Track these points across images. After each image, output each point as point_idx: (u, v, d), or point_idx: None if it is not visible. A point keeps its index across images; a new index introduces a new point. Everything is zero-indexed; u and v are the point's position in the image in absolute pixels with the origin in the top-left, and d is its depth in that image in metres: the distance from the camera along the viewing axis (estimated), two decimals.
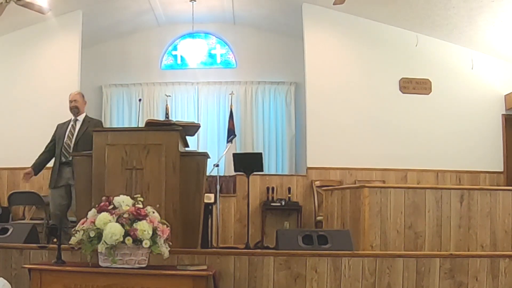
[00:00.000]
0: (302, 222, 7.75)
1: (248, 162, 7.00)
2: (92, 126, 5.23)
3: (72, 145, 5.25)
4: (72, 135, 5.31)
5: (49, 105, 7.90)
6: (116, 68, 9.52)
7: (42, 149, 7.70)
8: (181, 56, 9.79)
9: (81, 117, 5.43)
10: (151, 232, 3.03)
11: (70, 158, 5.05)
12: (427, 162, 7.87)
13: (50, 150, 5.44)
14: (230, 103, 9.30)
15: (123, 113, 9.55)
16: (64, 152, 5.24)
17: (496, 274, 3.53)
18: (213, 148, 9.04)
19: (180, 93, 9.57)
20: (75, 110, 5.43)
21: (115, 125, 9.24)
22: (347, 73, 8.14)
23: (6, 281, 3.14)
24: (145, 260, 3.10)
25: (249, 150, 9.12)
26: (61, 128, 5.43)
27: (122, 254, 3.01)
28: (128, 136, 3.96)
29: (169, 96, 9.44)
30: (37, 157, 5.55)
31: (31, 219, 7.29)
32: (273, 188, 7.88)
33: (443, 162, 7.90)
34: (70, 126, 5.38)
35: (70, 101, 5.48)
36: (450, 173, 7.94)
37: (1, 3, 6.09)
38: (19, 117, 7.91)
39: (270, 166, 9.12)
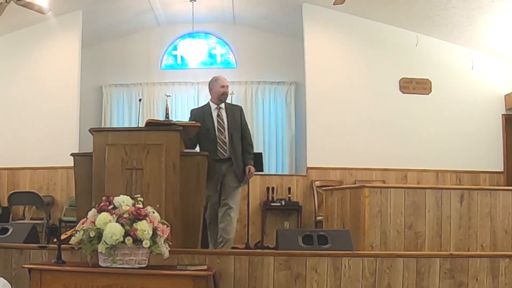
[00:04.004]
0: (302, 222, 7.75)
1: None
2: (238, 111, 5.00)
3: (227, 139, 4.87)
4: (223, 127, 4.91)
5: (49, 105, 7.92)
6: (116, 68, 9.52)
7: (42, 149, 7.78)
8: (181, 56, 9.79)
9: (222, 104, 5.00)
10: (151, 232, 3.03)
11: (226, 155, 4.83)
12: (427, 162, 7.87)
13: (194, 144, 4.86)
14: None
15: (123, 113, 9.55)
16: (220, 148, 4.84)
17: (496, 274, 3.53)
18: None
19: (180, 93, 9.57)
20: (225, 96, 5.02)
21: (115, 125, 9.23)
22: (347, 73, 8.14)
23: (6, 281, 3.14)
24: (145, 260, 3.11)
25: None
26: (201, 118, 4.85)
27: (122, 254, 3.02)
28: (128, 136, 3.96)
29: (169, 96, 9.43)
30: None
31: (31, 219, 7.30)
32: (273, 188, 7.88)
33: (443, 162, 7.90)
34: (215, 117, 4.93)
35: (223, 86, 5.01)
36: (450, 173, 7.94)
37: (1, 3, 6.09)
38: (19, 117, 7.91)
39: (270, 166, 9.11)
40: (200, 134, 4.74)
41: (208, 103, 5.11)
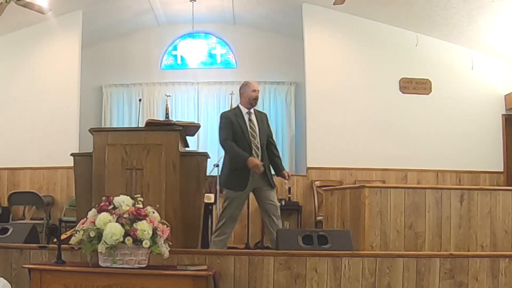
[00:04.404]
0: (302, 222, 7.75)
1: None
2: (265, 117, 5.03)
3: (259, 144, 4.89)
4: (255, 132, 4.91)
5: (49, 105, 7.92)
6: (116, 68, 9.52)
7: (42, 149, 7.78)
8: (181, 56, 9.78)
9: (252, 109, 4.98)
10: (151, 232, 3.03)
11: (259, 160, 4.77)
12: (427, 162, 7.87)
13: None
14: (230, 103, 9.29)
15: (123, 113, 9.55)
16: (254, 153, 4.81)
17: (496, 274, 3.53)
18: (213, 148, 9.02)
19: (180, 93, 9.57)
20: (256, 101, 4.99)
21: (115, 125, 9.23)
22: (347, 73, 8.14)
23: (6, 281, 3.14)
24: (145, 260, 3.11)
25: None
26: (236, 121, 4.85)
27: (122, 254, 3.02)
28: (128, 136, 3.96)
29: (169, 96, 9.44)
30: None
31: (31, 219, 7.30)
32: None
33: (443, 162, 7.90)
34: (247, 121, 4.90)
35: (254, 91, 4.97)
36: (450, 173, 7.94)
37: (1, 3, 6.09)
38: (19, 117, 7.91)
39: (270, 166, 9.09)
40: (237, 136, 4.80)
41: (239, 107, 5.05)
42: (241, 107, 5.00)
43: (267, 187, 4.87)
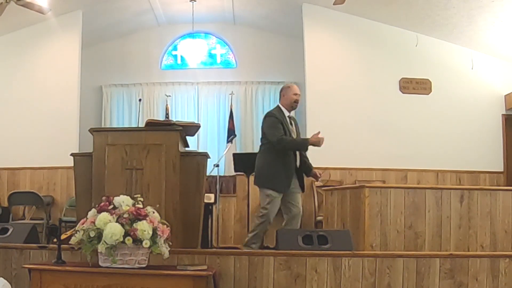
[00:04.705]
0: (302, 222, 7.73)
1: (248, 162, 6.98)
2: (297, 123, 5.03)
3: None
4: (294, 134, 4.97)
5: (49, 105, 7.92)
6: (116, 68, 9.52)
7: (42, 149, 7.78)
8: (181, 56, 9.79)
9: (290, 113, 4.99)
10: (151, 232, 3.03)
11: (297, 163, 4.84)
12: (427, 162, 7.86)
13: None
14: (230, 103, 9.30)
15: (123, 113, 9.56)
16: (295, 155, 4.89)
17: (496, 274, 3.53)
18: (213, 148, 9.04)
19: (180, 93, 9.58)
20: (297, 105, 5.01)
21: (115, 125, 9.25)
22: (347, 73, 8.13)
23: (6, 281, 3.14)
24: (145, 260, 3.11)
25: (249, 150, 9.11)
26: (283, 122, 4.86)
27: (122, 254, 3.02)
28: (128, 136, 3.96)
29: (169, 96, 9.45)
30: None
31: (31, 219, 7.29)
32: None
33: (443, 162, 7.89)
34: (289, 124, 4.93)
35: (295, 94, 4.97)
36: (450, 173, 7.93)
37: (1, 3, 6.09)
38: (19, 117, 7.91)
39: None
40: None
41: (279, 107, 5.01)
42: (282, 108, 4.97)
43: (298, 189, 4.94)
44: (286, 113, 4.96)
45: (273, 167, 4.84)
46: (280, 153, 4.82)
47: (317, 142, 4.77)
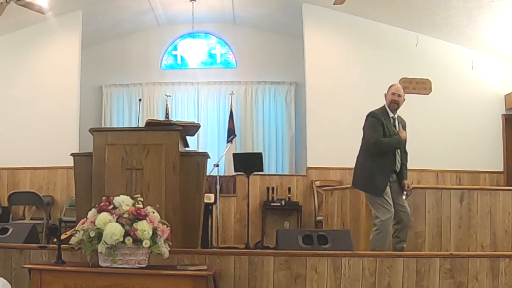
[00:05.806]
0: (302, 222, 7.75)
1: (248, 162, 7.01)
2: (405, 125, 4.71)
3: (400, 151, 4.59)
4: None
5: (49, 105, 7.92)
6: (116, 68, 9.52)
7: (42, 149, 7.78)
8: (181, 56, 9.79)
9: (396, 114, 4.67)
10: (151, 232, 3.03)
11: (396, 168, 4.55)
12: (427, 162, 7.85)
13: None
14: (230, 103, 9.30)
15: (123, 113, 9.55)
16: (395, 159, 4.58)
17: (496, 274, 3.53)
18: (213, 148, 9.04)
19: (180, 93, 9.57)
20: (395, 106, 4.65)
21: (115, 125, 9.24)
22: (347, 73, 8.13)
23: (6, 281, 3.14)
24: (145, 260, 3.11)
25: (249, 150, 9.11)
26: (384, 122, 4.55)
27: (122, 254, 3.02)
28: (128, 136, 3.96)
29: (169, 96, 9.44)
30: None
31: (31, 219, 7.29)
32: (273, 188, 7.88)
33: (443, 162, 7.89)
34: (392, 125, 4.61)
35: (394, 94, 4.67)
36: (450, 173, 7.93)
37: (1, 3, 6.09)
38: (19, 117, 7.91)
39: (270, 166, 9.11)
40: (384, 137, 4.55)
41: (385, 108, 4.75)
42: (388, 109, 4.72)
43: (400, 192, 4.60)
44: (391, 114, 4.66)
45: (374, 170, 4.59)
46: (376, 155, 4.58)
47: (404, 137, 4.56)
